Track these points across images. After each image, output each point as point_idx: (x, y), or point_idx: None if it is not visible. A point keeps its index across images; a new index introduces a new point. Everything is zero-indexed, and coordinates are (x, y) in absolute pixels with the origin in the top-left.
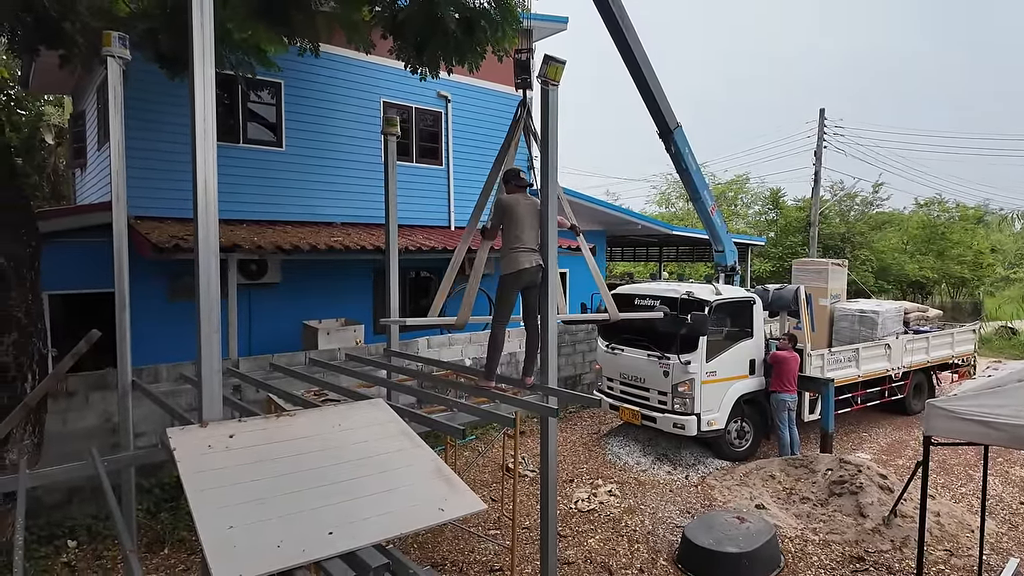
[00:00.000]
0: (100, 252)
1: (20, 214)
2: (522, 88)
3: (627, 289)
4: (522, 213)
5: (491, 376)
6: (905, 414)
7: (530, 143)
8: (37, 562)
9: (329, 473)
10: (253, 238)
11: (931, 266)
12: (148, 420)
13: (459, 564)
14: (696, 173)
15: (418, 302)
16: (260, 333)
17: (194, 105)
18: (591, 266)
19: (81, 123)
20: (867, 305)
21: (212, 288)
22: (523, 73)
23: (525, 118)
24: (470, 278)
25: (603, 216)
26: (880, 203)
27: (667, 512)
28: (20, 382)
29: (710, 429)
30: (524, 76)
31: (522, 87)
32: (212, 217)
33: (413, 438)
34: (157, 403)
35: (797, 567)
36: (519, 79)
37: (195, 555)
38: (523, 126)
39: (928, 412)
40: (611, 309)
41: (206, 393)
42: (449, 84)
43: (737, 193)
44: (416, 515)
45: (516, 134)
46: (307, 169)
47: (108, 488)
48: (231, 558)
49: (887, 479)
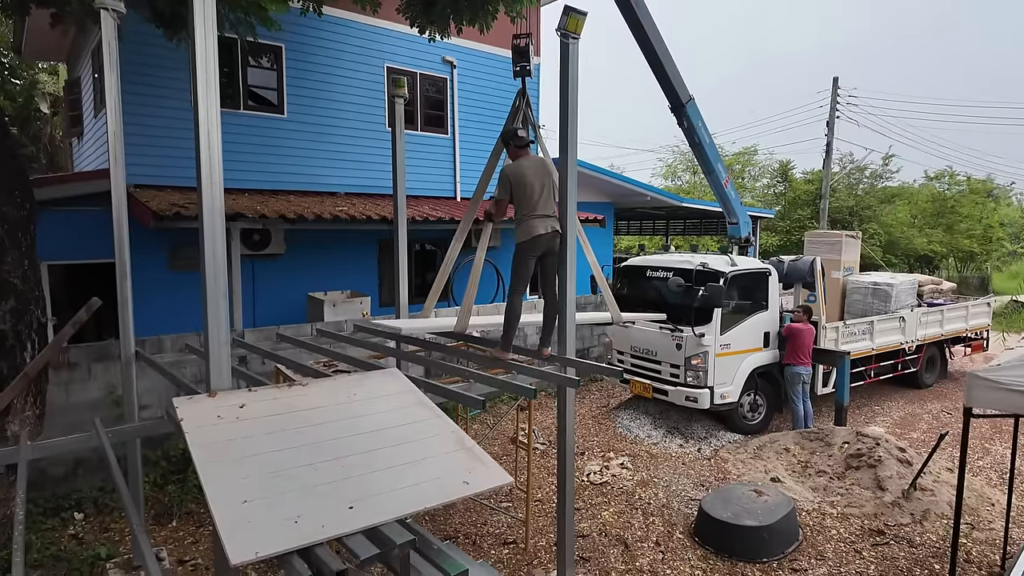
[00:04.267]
0: (100, 221)
1: (11, 175)
2: (521, 76)
3: (639, 261)
4: (531, 178)
5: (508, 347)
6: (917, 387)
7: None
8: (43, 534)
9: (347, 444)
10: (256, 207)
11: (939, 240)
12: (152, 392)
13: (472, 536)
14: (710, 147)
15: (423, 276)
16: (264, 305)
17: (195, 60)
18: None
19: (76, 90)
20: (881, 278)
21: (218, 253)
22: (521, 60)
23: (524, 109)
24: (467, 287)
25: (611, 187)
26: (890, 176)
27: (681, 485)
28: (19, 351)
29: (723, 402)
30: (523, 63)
31: (520, 75)
32: (216, 177)
33: (432, 408)
34: (162, 373)
35: (816, 541)
36: (517, 66)
37: (203, 527)
38: (522, 116)
39: (970, 383)
40: (613, 310)
41: (214, 362)
42: (455, 49)
43: (745, 166)
44: (441, 488)
45: (515, 123)
46: (309, 137)
47: (113, 460)
48: (246, 535)
49: (905, 452)
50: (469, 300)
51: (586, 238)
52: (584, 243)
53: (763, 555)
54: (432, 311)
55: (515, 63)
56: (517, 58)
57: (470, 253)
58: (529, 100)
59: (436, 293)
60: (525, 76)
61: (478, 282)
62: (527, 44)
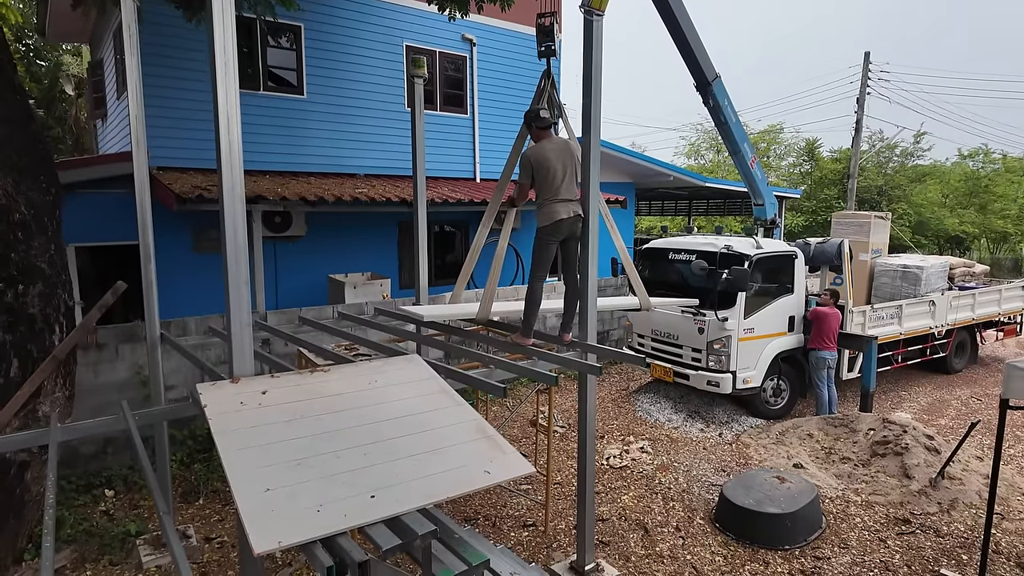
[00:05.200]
0: (125, 203)
1: (37, 160)
2: (545, 56)
3: (661, 243)
4: (553, 162)
5: (528, 332)
6: (946, 373)
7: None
8: (76, 511)
9: (368, 432)
10: (277, 189)
11: (972, 220)
12: (178, 373)
13: (492, 518)
14: (736, 126)
15: (443, 258)
16: (286, 287)
17: (213, 41)
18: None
19: (99, 72)
20: (910, 260)
21: (239, 237)
22: (546, 40)
23: (549, 90)
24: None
25: (633, 167)
26: (921, 154)
27: (701, 470)
28: (48, 334)
29: (745, 387)
30: (548, 43)
31: (545, 55)
32: (236, 160)
33: (453, 395)
34: (186, 356)
35: (840, 528)
36: (542, 46)
37: (229, 506)
38: (547, 98)
39: (1008, 373)
40: (641, 296)
41: (236, 347)
42: (475, 26)
43: (770, 144)
44: (462, 477)
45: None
46: (329, 118)
47: (139, 443)
48: (269, 524)
49: (934, 440)
50: (492, 287)
51: (612, 219)
52: (610, 224)
53: (785, 542)
54: (461, 296)
55: (539, 43)
56: (542, 38)
57: (492, 235)
58: (554, 80)
59: (464, 279)
60: (550, 56)
61: (500, 269)
62: (552, 23)
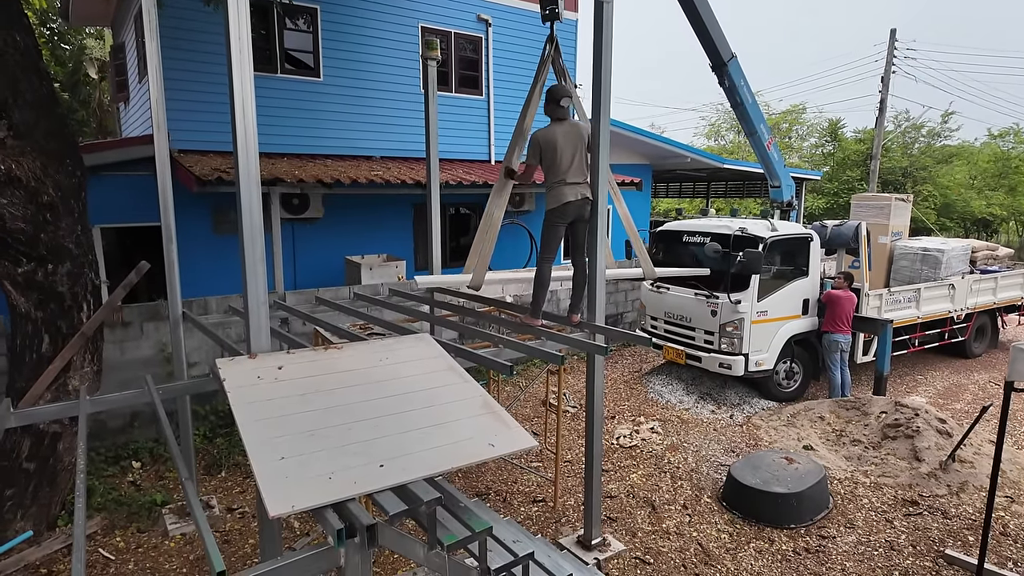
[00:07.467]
0: (148, 184)
1: (63, 143)
2: (549, 20)
3: (675, 225)
4: (562, 144)
5: (537, 313)
6: (965, 357)
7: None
8: (105, 480)
9: (378, 406)
10: (294, 171)
11: (1000, 202)
12: (200, 350)
13: (503, 494)
14: (752, 106)
15: (458, 240)
16: (304, 268)
17: (229, 24)
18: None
19: (122, 56)
20: (931, 243)
21: (255, 219)
22: (550, 3)
23: (553, 54)
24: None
25: (649, 148)
26: (948, 134)
27: (711, 451)
28: (76, 311)
29: (758, 370)
30: (551, 6)
31: (549, 19)
32: (252, 143)
33: (461, 373)
34: (206, 334)
35: (846, 509)
36: (546, 9)
37: (250, 478)
38: (551, 63)
39: (1014, 356)
40: (645, 265)
41: (253, 325)
42: (490, 6)
43: (792, 124)
44: (466, 450)
45: (543, 75)
46: (345, 100)
47: (163, 416)
48: (284, 489)
49: (946, 423)
50: (485, 255)
51: (620, 195)
52: (617, 199)
53: (791, 521)
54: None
55: (543, 6)
56: (545, 1)
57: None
58: (559, 46)
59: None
60: (554, 20)
61: (495, 240)
62: None
